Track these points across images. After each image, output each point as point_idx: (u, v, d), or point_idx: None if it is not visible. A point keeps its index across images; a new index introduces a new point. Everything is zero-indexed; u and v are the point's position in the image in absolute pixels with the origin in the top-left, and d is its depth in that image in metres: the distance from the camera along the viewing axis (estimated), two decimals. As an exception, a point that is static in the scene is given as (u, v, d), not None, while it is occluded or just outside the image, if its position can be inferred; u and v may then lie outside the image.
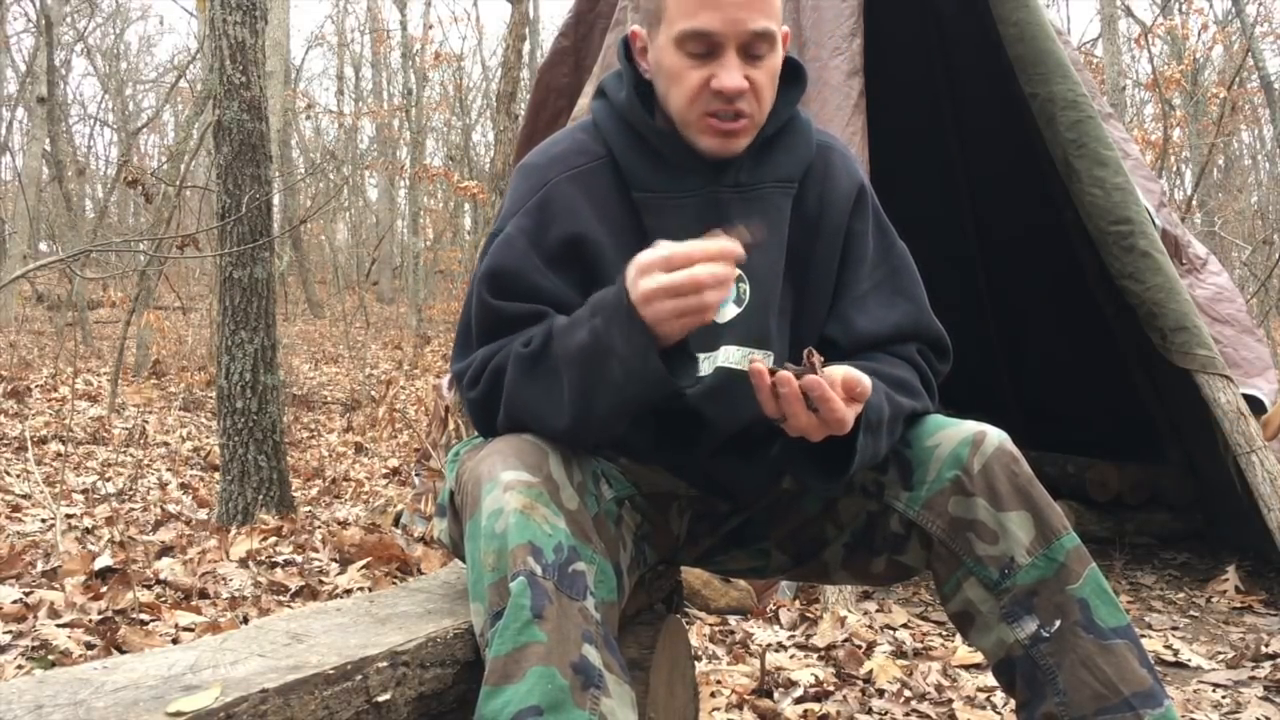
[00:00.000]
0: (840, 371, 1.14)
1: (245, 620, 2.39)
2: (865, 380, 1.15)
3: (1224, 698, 2.28)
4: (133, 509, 4.18)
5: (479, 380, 1.24)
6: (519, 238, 1.27)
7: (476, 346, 1.27)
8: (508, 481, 1.09)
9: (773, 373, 1.13)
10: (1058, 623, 1.17)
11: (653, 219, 1.29)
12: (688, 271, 1.07)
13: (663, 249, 1.10)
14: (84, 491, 4.49)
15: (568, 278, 1.27)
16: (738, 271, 1.24)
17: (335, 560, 3.10)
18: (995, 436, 1.25)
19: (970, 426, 1.26)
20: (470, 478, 1.14)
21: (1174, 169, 13.37)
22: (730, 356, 1.30)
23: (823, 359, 1.14)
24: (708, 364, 1.29)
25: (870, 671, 2.34)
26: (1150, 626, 2.94)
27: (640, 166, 1.30)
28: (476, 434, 1.34)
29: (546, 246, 1.27)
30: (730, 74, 1.22)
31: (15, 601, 2.36)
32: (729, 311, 1.30)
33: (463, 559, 1.25)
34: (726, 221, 1.29)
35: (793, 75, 1.34)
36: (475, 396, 1.24)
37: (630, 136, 1.31)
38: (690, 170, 1.30)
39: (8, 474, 4.82)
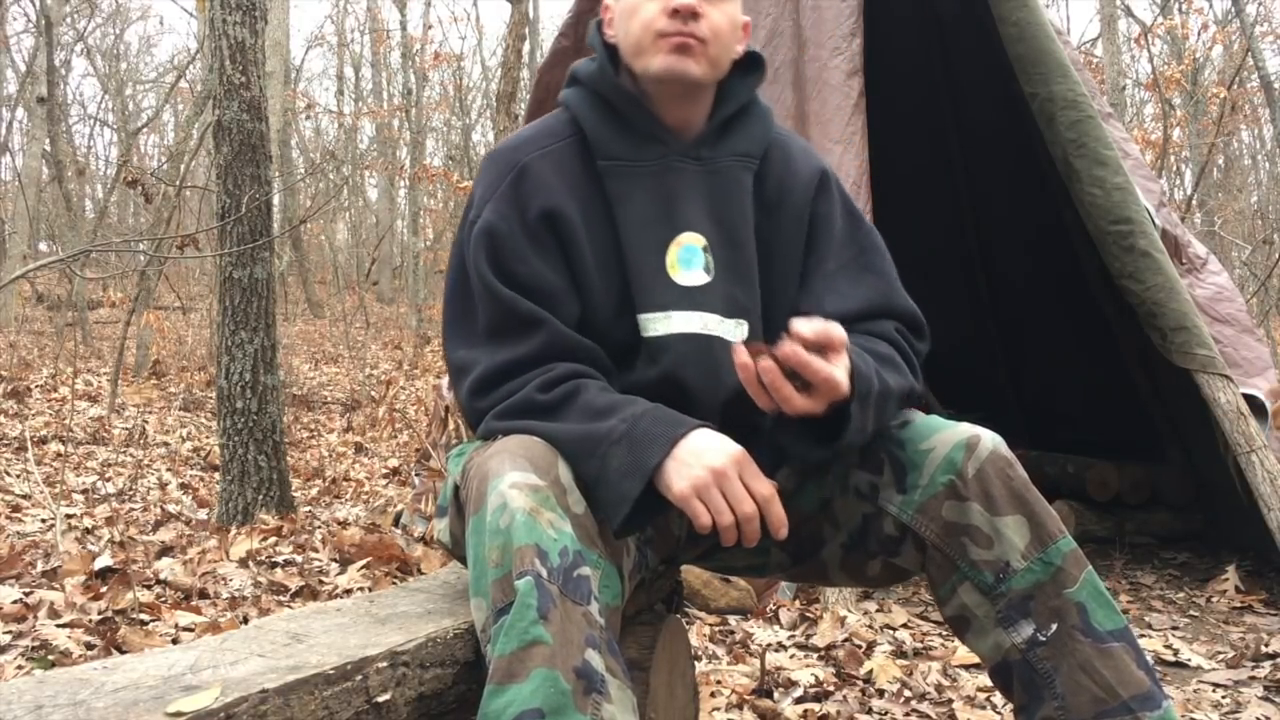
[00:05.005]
0: (804, 329, 1.14)
1: (245, 620, 2.39)
2: (832, 326, 1.15)
3: (1224, 698, 2.28)
4: (133, 509, 4.18)
5: (487, 392, 1.27)
6: (501, 223, 1.31)
7: (484, 336, 1.30)
8: (514, 481, 1.09)
9: (755, 358, 1.13)
10: (1054, 627, 1.16)
11: (614, 185, 1.34)
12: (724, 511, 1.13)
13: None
14: (84, 491, 4.49)
15: (547, 256, 1.31)
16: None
17: (335, 560, 3.11)
18: (989, 440, 1.24)
19: (964, 430, 1.25)
20: (477, 474, 1.14)
21: (1174, 169, 13.37)
22: (708, 324, 1.33)
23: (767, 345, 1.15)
24: (679, 322, 1.32)
25: (870, 671, 2.34)
26: (1150, 626, 2.95)
27: (605, 135, 1.35)
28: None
29: (529, 226, 1.31)
30: None
31: (15, 601, 2.36)
32: (698, 278, 1.34)
33: (462, 558, 1.25)
34: (685, 191, 1.34)
35: (753, 64, 1.41)
36: (480, 406, 1.27)
37: (599, 108, 1.37)
38: (653, 139, 1.35)
39: (8, 474, 4.82)
